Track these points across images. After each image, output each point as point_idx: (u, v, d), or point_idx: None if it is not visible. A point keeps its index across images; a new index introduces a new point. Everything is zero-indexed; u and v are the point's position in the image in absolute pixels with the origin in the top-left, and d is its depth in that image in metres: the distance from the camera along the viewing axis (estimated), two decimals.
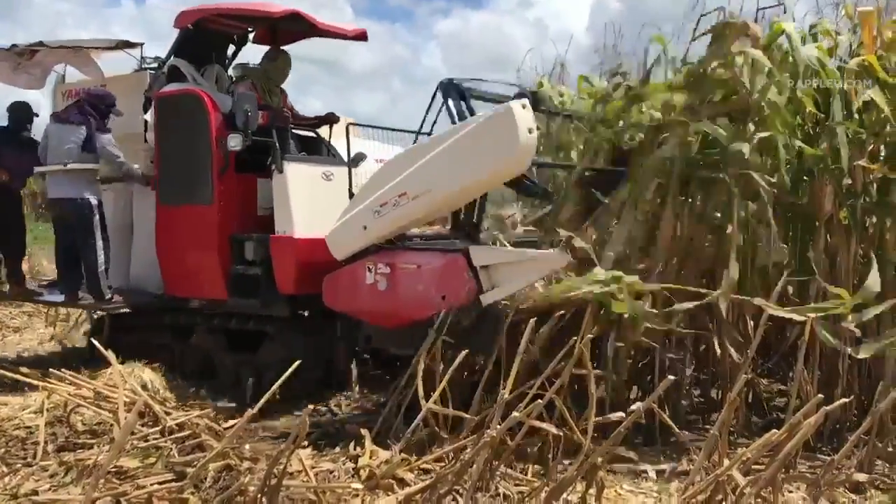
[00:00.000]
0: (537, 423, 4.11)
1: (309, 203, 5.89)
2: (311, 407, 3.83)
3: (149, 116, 6.74)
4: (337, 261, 5.56)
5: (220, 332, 6.48)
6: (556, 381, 4.08)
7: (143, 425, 5.06)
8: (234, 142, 5.86)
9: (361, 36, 6.95)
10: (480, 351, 4.94)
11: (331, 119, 6.89)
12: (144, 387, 5.51)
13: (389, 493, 4.20)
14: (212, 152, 6.09)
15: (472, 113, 5.21)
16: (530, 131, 4.61)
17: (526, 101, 4.73)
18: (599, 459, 4.13)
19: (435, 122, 5.34)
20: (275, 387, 4.22)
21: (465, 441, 4.27)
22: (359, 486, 4.20)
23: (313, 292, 5.71)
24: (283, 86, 6.99)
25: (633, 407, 4.03)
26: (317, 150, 6.82)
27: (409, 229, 5.45)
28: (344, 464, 4.74)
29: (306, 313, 6.37)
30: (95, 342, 5.50)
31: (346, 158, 5.89)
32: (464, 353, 4.74)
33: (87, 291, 6.71)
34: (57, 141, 6.57)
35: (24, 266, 7.99)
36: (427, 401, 4.60)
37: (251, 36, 7.26)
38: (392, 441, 4.75)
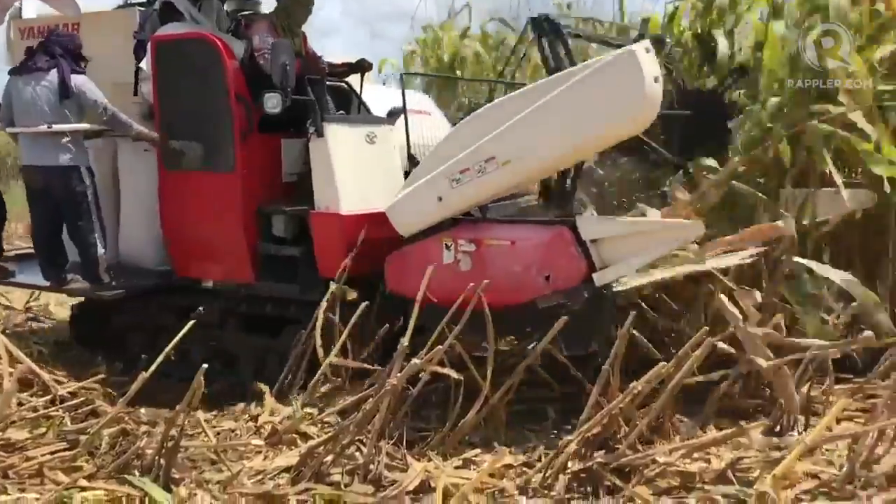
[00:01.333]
0: (437, 369, 4.15)
1: (354, 172, 5.07)
2: (205, 365, 3.75)
3: (144, 64, 5.61)
4: (394, 238, 4.84)
5: (241, 316, 5.62)
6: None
7: (31, 395, 4.89)
8: (273, 102, 4.94)
9: None
10: (575, 345, 4.34)
11: (364, 66, 5.90)
12: (31, 356, 5.28)
13: (293, 447, 4.19)
14: (231, 110, 5.19)
15: (571, 61, 4.63)
16: (656, 80, 4.01)
17: (648, 43, 4.13)
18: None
19: (517, 67, 4.66)
20: (169, 347, 4.11)
21: (366, 392, 4.28)
22: (259, 442, 4.17)
23: (359, 273, 4.92)
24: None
25: (529, 346, 4.13)
26: (350, 106, 5.88)
27: (495, 198, 4.73)
28: (246, 422, 4.71)
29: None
30: None
31: (399, 112, 5.17)
32: (365, 304, 4.60)
33: (78, 274, 5.58)
34: (29, 95, 5.37)
35: None
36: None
37: None
38: (295, 397, 4.72)
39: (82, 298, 6.28)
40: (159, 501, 3.59)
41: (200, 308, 5.10)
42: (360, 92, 5.97)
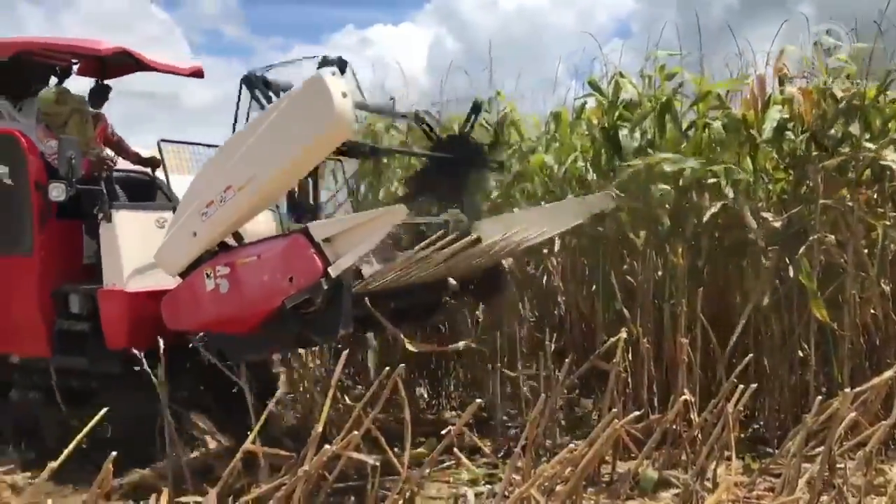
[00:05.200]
0: (354, 455, 4.16)
1: (140, 253, 5.47)
2: (113, 453, 3.69)
3: None
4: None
5: (43, 389, 5.89)
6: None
7: None
8: (58, 191, 5.44)
9: (197, 73, 6.73)
10: (326, 335, 4.91)
11: (153, 162, 6.44)
12: None
13: None
14: (31, 199, 5.63)
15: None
16: (344, 95, 4.52)
17: (335, 68, 4.69)
18: (416, 487, 4.27)
19: (247, 118, 5.05)
20: (79, 437, 4.03)
21: (281, 479, 4.24)
22: None
23: (148, 347, 5.21)
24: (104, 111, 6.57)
25: (444, 431, 4.18)
26: (148, 193, 6.43)
27: (242, 224, 5.12)
28: None
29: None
30: None
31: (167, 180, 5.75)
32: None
33: None
34: None
35: None
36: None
37: (75, 68, 6.81)
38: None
39: None
40: None
41: None
42: (168, 182, 6.28)
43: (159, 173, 6.35)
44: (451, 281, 5.52)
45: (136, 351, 5.05)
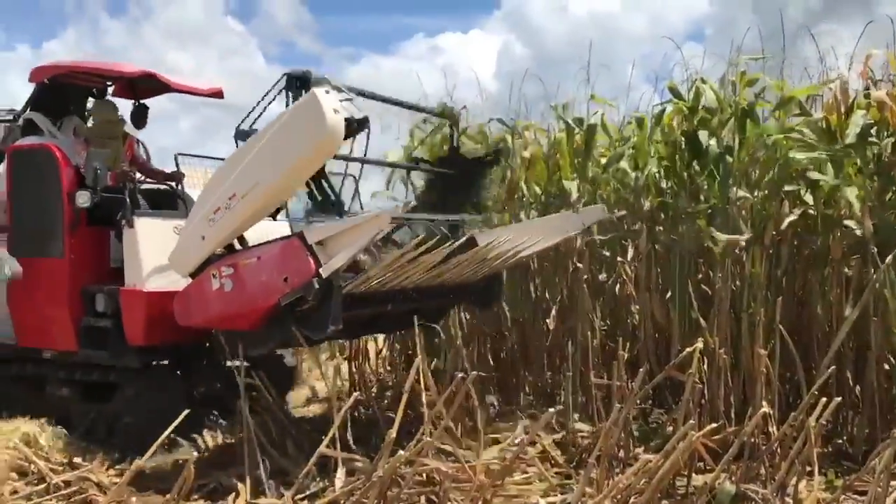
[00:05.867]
0: (426, 462, 4.20)
1: (159, 256, 5.92)
2: (195, 454, 3.81)
3: (1, 168, 6.77)
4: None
5: (73, 382, 6.45)
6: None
7: (27, 484, 4.92)
8: (83, 199, 6.06)
9: (217, 94, 7.26)
10: (317, 331, 5.21)
11: (175, 177, 7.01)
12: (28, 443, 5.34)
13: None
14: (63, 206, 6.20)
15: None
16: (335, 112, 4.88)
17: (328, 86, 5.09)
18: (488, 495, 4.27)
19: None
20: (161, 438, 4.19)
21: (355, 483, 4.30)
22: None
23: (164, 343, 5.98)
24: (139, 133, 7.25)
25: (517, 439, 4.18)
26: (171, 203, 6.91)
27: (247, 229, 5.53)
28: None
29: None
30: None
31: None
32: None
33: None
34: None
35: None
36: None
37: (111, 89, 7.34)
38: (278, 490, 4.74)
39: None
40: None
41: None
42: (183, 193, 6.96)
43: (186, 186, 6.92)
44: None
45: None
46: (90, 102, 7.15)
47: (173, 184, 6.95)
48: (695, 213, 6.34)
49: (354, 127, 5.22)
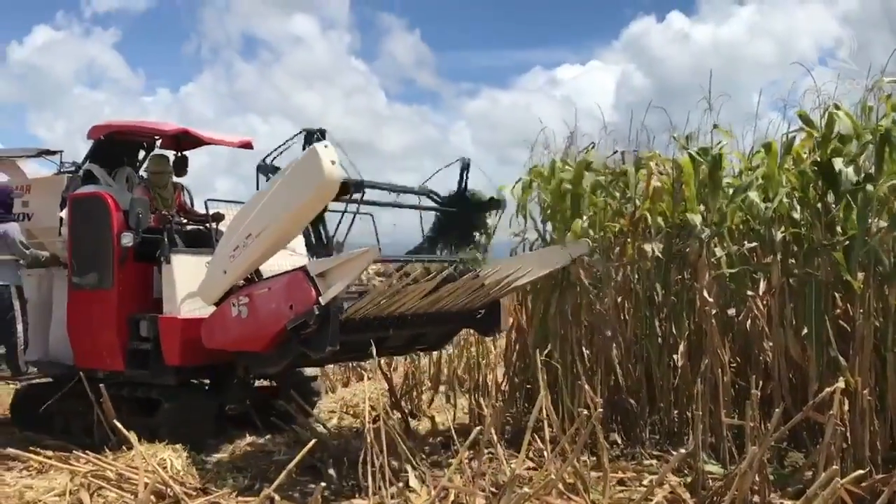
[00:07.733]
0: (550, 501, 4.09)
1: (193, 288, 6.89)
2: (322, 485, 3.86)
3: (64, 214, 7.85)
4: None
5: (121, 398, 7.26)
6: None
7: None
8: (127, 239, 7.15)
9: (246, 145, 8.34)
10: (317, 350, 5.99)
11: (216, 217, 7.84)
12: (165, 468, 5.57)
13: None
14: (113, 245, 7.29)
15: None
16: (333, 163, 5.72)
17: (327, 141, 6.04)
18: None
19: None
20: (291, 465, 4.29)
21: None
22: None
23: (197, 363, 6.99)
24: (183, 181, 8.46)
25: (646, 481, 4.00)
26: (206, 241, 7.73)
27: (261, 264, 6.47)
28: None
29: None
30: (118, 425, 5.60)
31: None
32: None
33: (4, 364, 7.57)
34: None
35: None
36: None
37: (158, 142, 8.44)
38: None
39: (17, 386, 8.48)
40: None
41: None
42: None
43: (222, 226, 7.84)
44: None
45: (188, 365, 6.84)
46: (141, 154, 8.40)
47: (209, 224, 7.88)
48: (832, 245, 6.02)
49: (352, 191, 6.16)
